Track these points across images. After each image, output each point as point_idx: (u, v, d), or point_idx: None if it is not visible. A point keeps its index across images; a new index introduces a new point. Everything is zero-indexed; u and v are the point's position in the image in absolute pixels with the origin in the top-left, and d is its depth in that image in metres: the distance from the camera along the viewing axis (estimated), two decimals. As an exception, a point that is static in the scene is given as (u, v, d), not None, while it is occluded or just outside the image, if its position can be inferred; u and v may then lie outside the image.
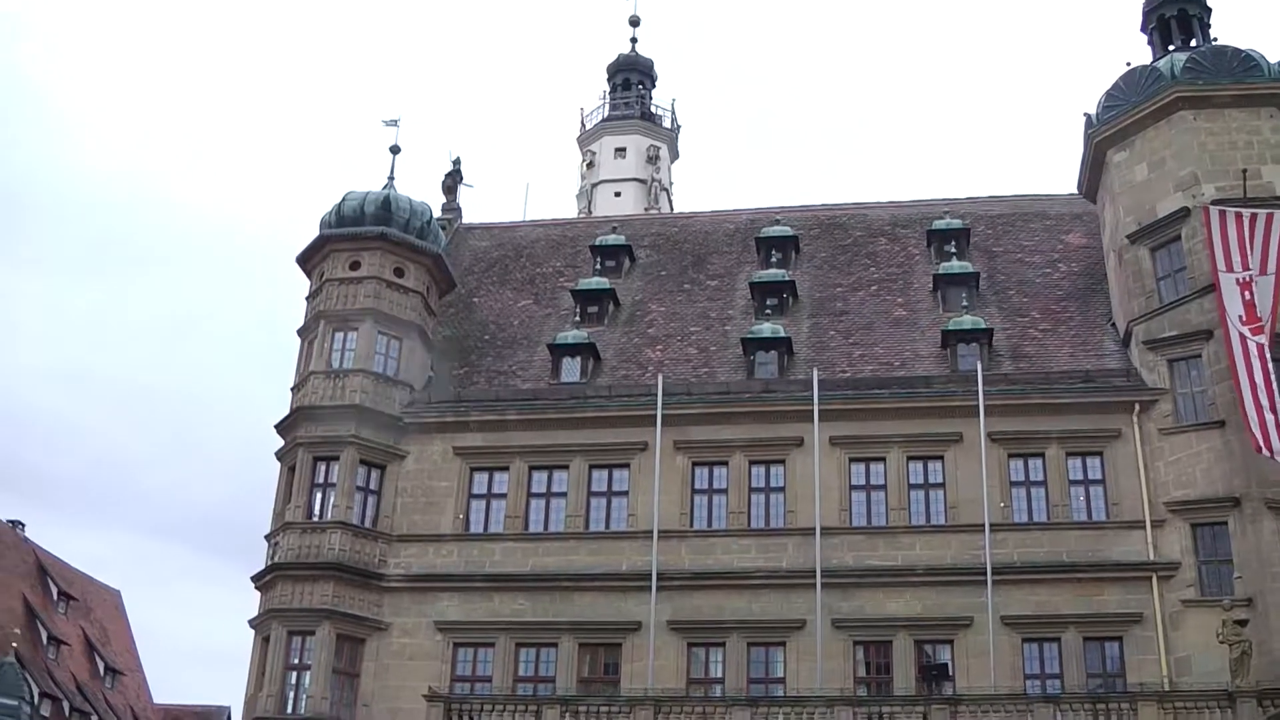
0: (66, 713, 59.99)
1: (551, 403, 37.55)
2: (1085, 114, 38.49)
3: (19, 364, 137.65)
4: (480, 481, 37.32)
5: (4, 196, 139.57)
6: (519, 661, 34.96)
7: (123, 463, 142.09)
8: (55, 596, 65.90)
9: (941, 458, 35.17)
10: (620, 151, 77.86)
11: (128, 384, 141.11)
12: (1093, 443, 34.73)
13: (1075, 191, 40.87)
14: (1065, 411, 34.96)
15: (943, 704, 29.93)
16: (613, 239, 44.23)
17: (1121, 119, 37.09)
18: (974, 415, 34.68)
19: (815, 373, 36.01)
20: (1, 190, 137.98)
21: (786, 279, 40.64)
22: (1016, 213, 43.59)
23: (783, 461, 35.78)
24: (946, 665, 32.82)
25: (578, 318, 40.74)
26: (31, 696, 55.79)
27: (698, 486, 36.07)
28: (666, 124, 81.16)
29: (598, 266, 43.25)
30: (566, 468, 36.73)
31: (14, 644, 56.20)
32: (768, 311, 39.57)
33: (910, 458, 35.32)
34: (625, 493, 36.20)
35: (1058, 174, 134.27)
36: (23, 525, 68.19)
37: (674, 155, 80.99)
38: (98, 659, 66.82)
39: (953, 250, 40.73)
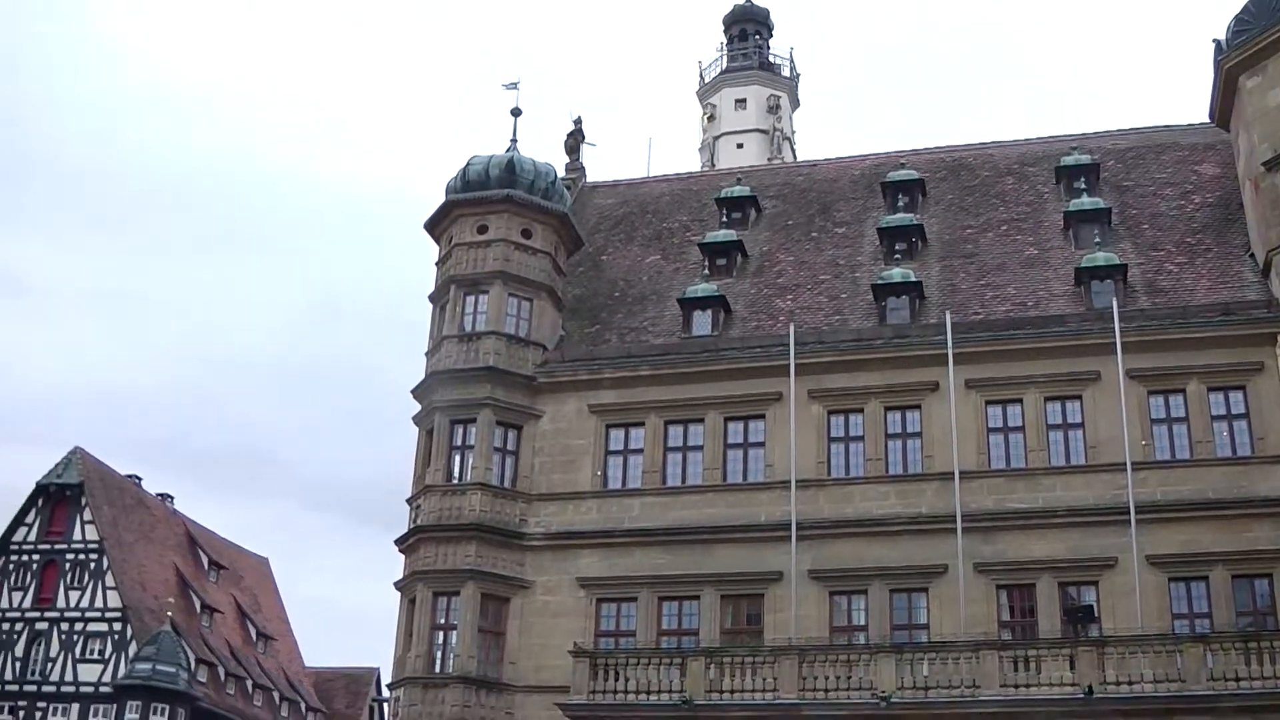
0: (222, 678, 61.66)
1: (684, 357, 37.64)
2: (1214, 40, 37.63)
3: (167, 343, 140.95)
4: (616, 438, 37.58)
5: (151, 182, 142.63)
6: (661, 615, 35.22)
7: (267, 436, 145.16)
8: (206, 566, 67.63)
9: (1079, 397, 34.67)
10: (740, 103, 77.60)
11: (271, 359, 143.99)
12: (1234, 377, 34.01)
13: (1207, 120, 40.05)
14: (1205, 346, 34.26)
15: (1089, 646, 29.66)
16: (738, 190, 44.08)
17: (1253, 44, 36.18)
18: (1111, 353, 34.16)
19: (948, 316, 35.69)
20: (148, 175, 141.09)
21: (914, 223, 40.27)
22: (1147, 145, 42.69)
23: (918, 407, 35.51)
24: (1092, 607, 32.48)
25: (706, 271, 40.72)
26: (189, 663, 57.39)
27: (834, 435, 35.93)
28: (785, 73, 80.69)
29: (724, 219, 43.16)
30: (702, 421, 36.83)
31: (170, 613, 57.87)
32: (897, 256, 39.23)
33: (1048, 398, 34.85)
34: (761, 444, 36.21)
35: (1188, 103, 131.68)
36: (172, 498, 69.94)
37: (794, 104, 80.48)
38: (249, 625, 68.47)
39: (1082, 186, 40.07)
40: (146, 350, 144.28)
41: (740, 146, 75.76)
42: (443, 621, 36.06)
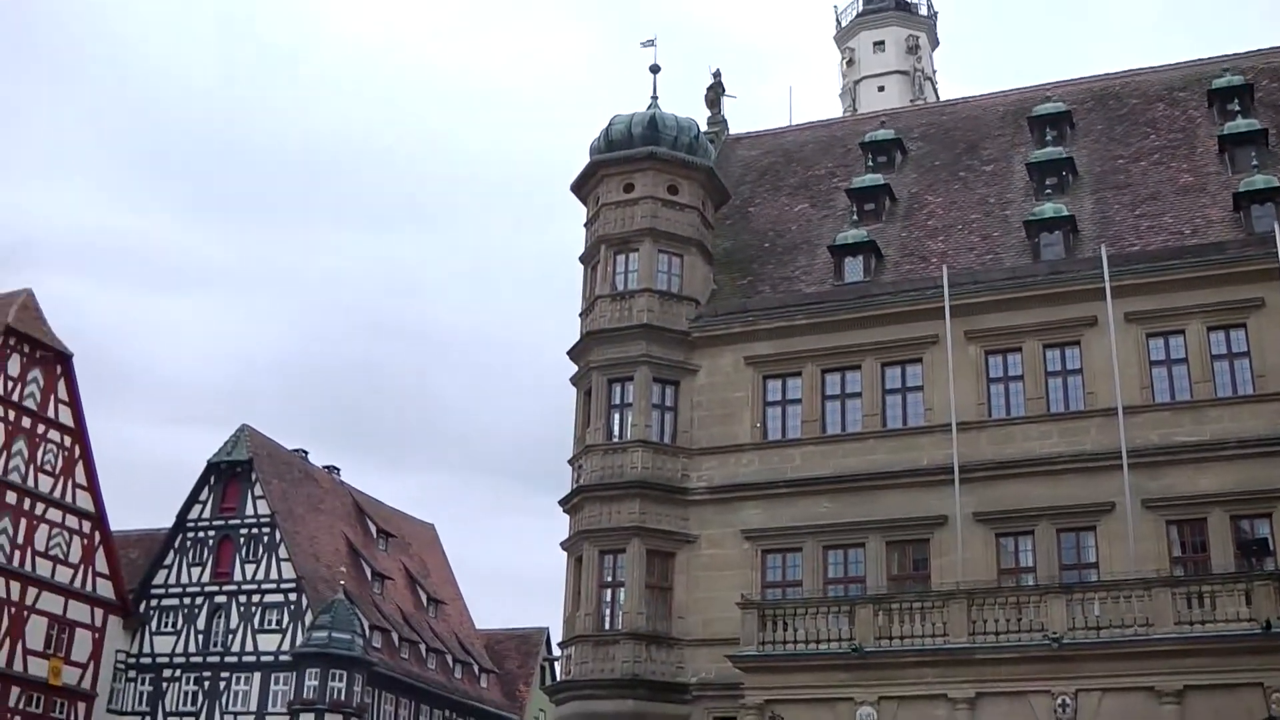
0: (396, 643, 62.84)
1: (838, 304, 37.46)
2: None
3: (327, 319, 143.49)
4: (774, 389, 37.57)
5: (304, 161, 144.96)
6: (827, 564, 35.22)
7: (429, 405, 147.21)
8: (375, 534, 68.89)
9: (1244, 325, 33.75)
10: (879, 45, 76.91)
11: (428, 328, 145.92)
12: (1407, 294, 33.06)
13: (1367, 32, 38.90)
14: (1373, 266, 33.31)
15: (1265, 580, 29.01)
16: (882, 134, 43.69)
17: None
18: (1275, 279, 33.21)
19: (1103, 249, 35.01)
20: (302, 156, 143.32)
21: (1064, 156, 39.55)
22: (1303, 61, 41.56)
23: (1077, 343, 34.92)
24: (1266, 540, 31.80)
25: (855, 217, 40.44)
26: (363, 630, 58.60)
27: (992, 375, 35.51)
28: (922, 12, 79.71)
29: (869, 163, 42.83)
30: (859, 368, 36.66)
31: (342, 582, 59.10)
32: (1048, 191, 38.61)
33: (1210, 328, 33.99)
34: (920, 388, 35.95)
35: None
36: (338, 470, 71.27)
37: (934, 43, 79.52)
38: (419, 590, 69.67)
39: (1236, 109, 38.99)
40: (308, 327, 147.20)
41: (881, 89, 75.11)
42: (610, 579, 36.45)
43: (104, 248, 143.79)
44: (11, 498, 55.60)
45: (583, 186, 41.17)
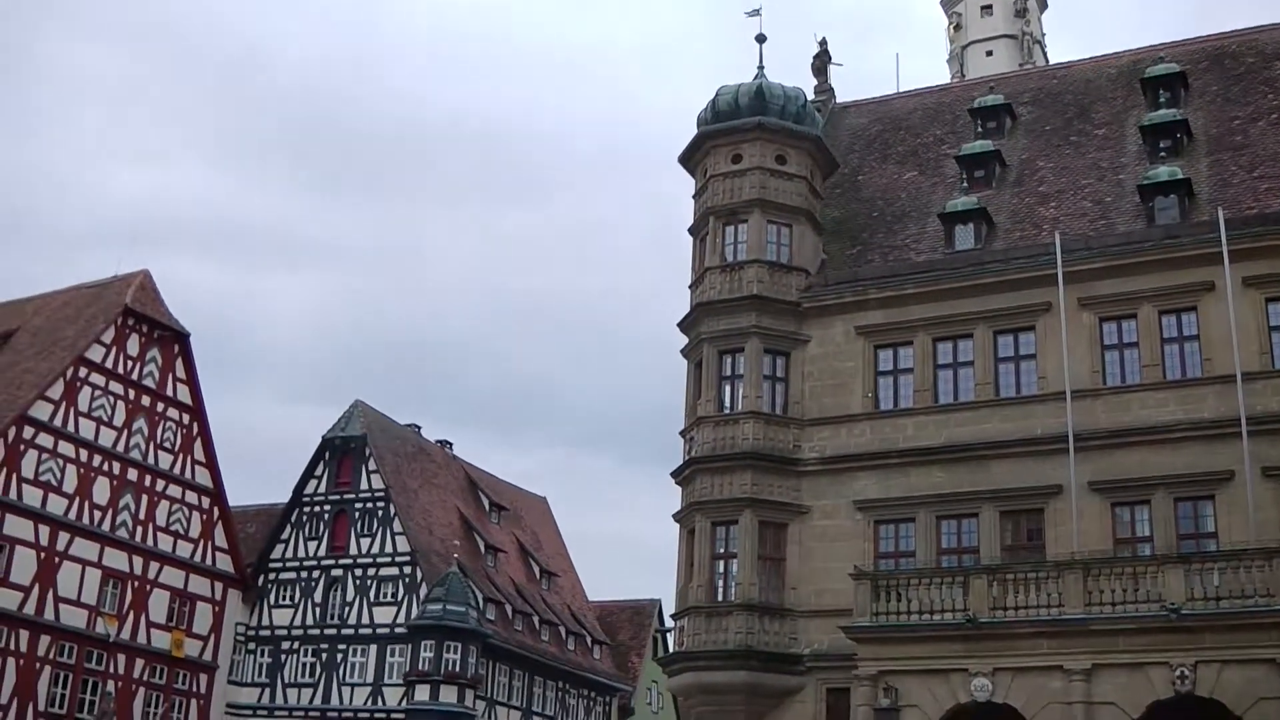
0: (510, 615, 63.33)
1: (949, 272, 37.13)
2: None
3: (436, 294, 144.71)
4: (885, 358, 37.37)
5: (412, 136, 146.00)
6: (940, 534, 34.95)
7: (539, 380, 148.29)
8: (487, 508, 69.41)
9: (1367, 287, 33.18)
10: (986, 9, 76.05)
11: (537, 303, 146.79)
12: None
13: None
14: None
15: (1391, 547, 28.52)
16: (991, 99, 43.15)
17: None
18: (1403, 238, 32.62)
19: (1220, 212, 34.28)
20: (410, 130, 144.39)
21: (1178, 118, 38.82)
22: None
23: (1194, 308, 34.21)
24: (1390, 505, 31.26)
25: (965, 184, 40.06)
26: (477, 602, 59.10)
27: (1107, 342, 34.96)
28: (1030, -26, 78.66)
29: (979, 129, 42.37)
30: (970, 336, 36.31)
31: (456, 555, 59.66)
32: (1162, 154, 37.98)
33: (1333, 292, 33.40)
34: (1033, 355, 35.53)
35: None
36: (450, 445, 71.88)
37: (1042, 5, 78.50)
38: (532, 563, 70.16)
39: (1358, 66, 38.23)
40: (419, 304, 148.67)
41: (989, 54, 74.40)
42: (722, 550, 36.52)
43: (219, 228, 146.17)
44: (133, 475, 56.70)
45: (690, 158, 41.15)
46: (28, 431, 52.62)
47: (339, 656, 60.56)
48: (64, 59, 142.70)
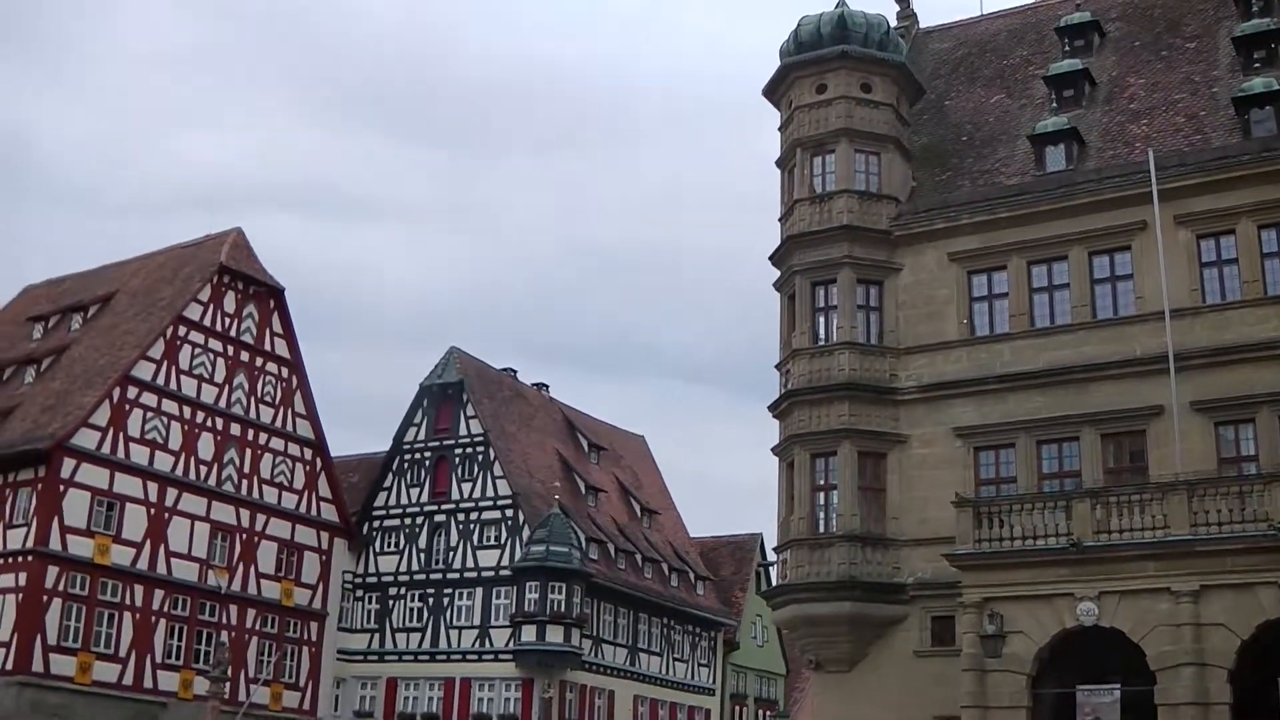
0: (612, 554, 63.70)
1: (1041, 194, 36.59)
2: None
3: (526, 243, 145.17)
4: (979, 284, 36.98)
5: (489, 91, 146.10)
6: (1041, 459, 34.64)
7: (631, 320, 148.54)
8: (586, 449, 69.72)
9: None
10: (1070, -75, 74.50)
11: (633, 249, 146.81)
12: None
13: None
14: None
15: None
16: (1078, 17, 42.31)
17: None
18: None
19: (1318, 123, 33.70)
20: (485, 85, 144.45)
21: (1273, 27, 37.77)
22: None
23: (1295, 221, 33.71)
24: None
25: (1054, 104, 39.41)
26: (580, 542, 59.52)
27: (1205, 259, 34.27)
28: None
29: (1066, 48, 41.59)
30: (1065, 258, 35.81)
31: (557, 496, 60.05)
32: (1256, 66, 37.08)
33: None
34: (1129, 276, 34.99)
35: None
36: (547, 387, 72.20)
37: (1129, -85, 76.72)
38: (632, 502, 70.42)
39: None
40: (511, 250, 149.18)
41: (1075, -29, 72.89)
42: (822, 482, 36.51)
43: (310, 186, 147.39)
44: (236, 429, 57.57)
45: (775, 91, 40.85)
46: (132, 391, 53.56)
47: (445, 600, 61.28)
48: (146, 26, 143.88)
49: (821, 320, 37.85)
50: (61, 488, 50.75)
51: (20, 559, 50.34)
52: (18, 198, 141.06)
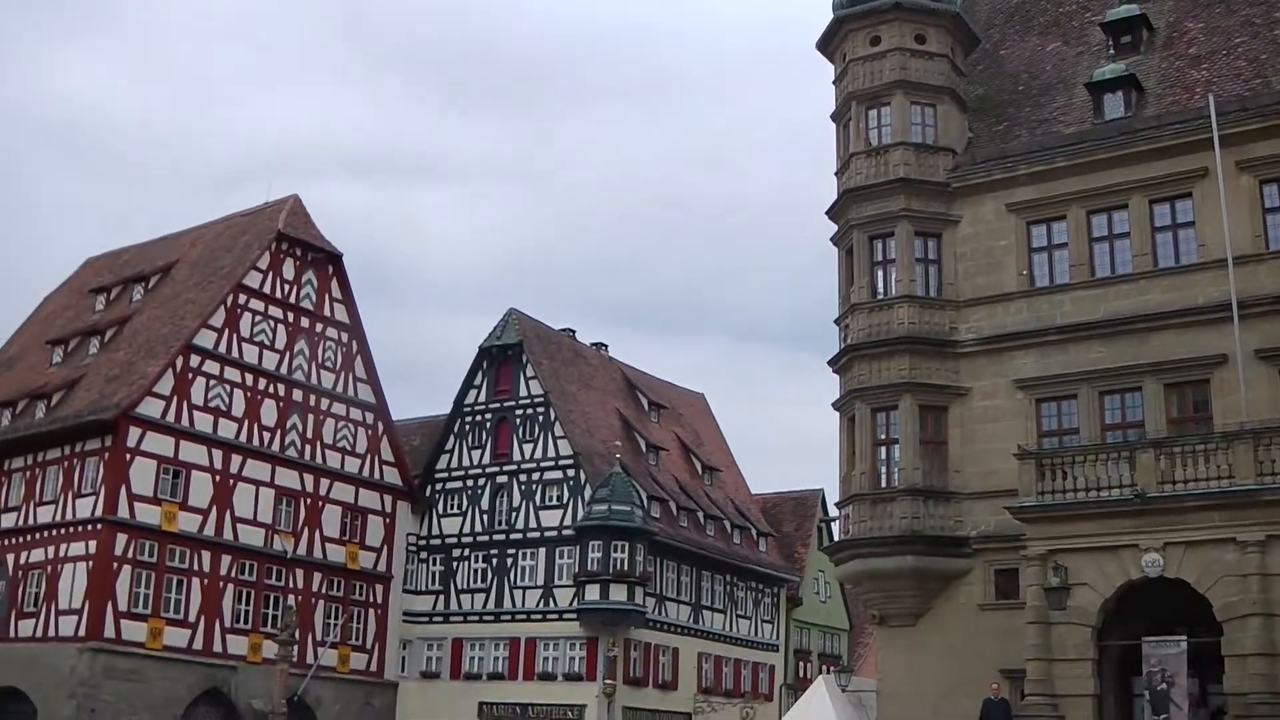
0: (674, 511, 63.78)
1: (1100, 142, 36.12)
2: None
3: (582, 202, 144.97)
4: (1038, 234, 36.63)
5: (541, 48, 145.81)
6: (1104, 410, 34.34)
7: (690, 281, 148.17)
8: (646, 407, 69.79)
9: None
10: None
11: (691, 208, 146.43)
12: None
13: None
14: None
15: None
16: (1135, -39, 41.85)
17: None
18: None
19: (1383, 63, 33.17)
20: (557, 41, 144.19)
21: (1335, -34, 37.44)
22: None
23: (1359, 164, 33.20)
24: None
25: (1111, 51, 38.90)
26: (641, 500, 59.59)
27: (1268, 205, 33.67)
28: None
29: (1123, -7, 41.15)
30: (1125, 207, 35.40)
31: (618, 455, 60.15)
32: (1319, 5, 36.65)
33: None
34: (1191, 223, 34.51)
35: None
36: (606, 346, 72.26)
37: None
38: (694, 460, 70.46)
39: None
40: (565, 210, 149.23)
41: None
42: (883, 436, 36.43)
43: (364, 151, 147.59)
44: (298, 395, 58.01)
45: (828, 44, 40.58)
46: (194, 360, 54.06)
47: (509, 561, 61.57)
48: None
49: (880, 274, 37.70)
50: (128, 456, 51.35)
51: (89, 527, 51.03)
52: (78, 170, 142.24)
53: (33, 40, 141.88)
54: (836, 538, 39.91)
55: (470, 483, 63.83)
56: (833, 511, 55.15)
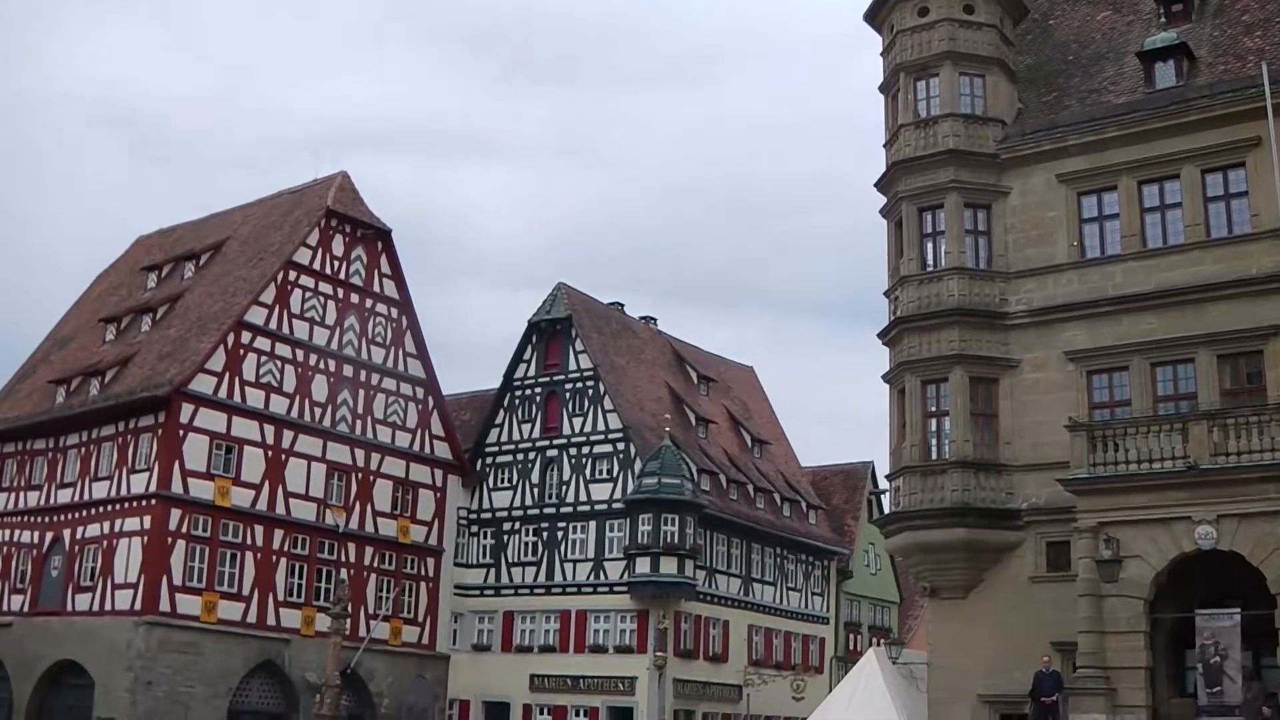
0: (724, 484, 63.85)
1: (1151, 112, 35.78)
2: None
3: (628, 178, 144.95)
4: (1089, 205, 36.37)
5: (608, 22, 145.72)
6: (1156, 381, 34.09)
7: (739, 255, 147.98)
8: (695, 380, 69.77)
9: None
10: None
11: (739, 182, 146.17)
12: None
13: None
14: None
15: None
16: (1187, -73, 41.40)
17: None
18: None
19: None
20: (605, 16, 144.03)
21: (1391, -69, 36.94)
22: None
23: None
24: None
25: (1162, 19, 38.51)
26: (691, 473, 59.68)
27: (1322, 174, 33.70)
28: None
29: (1174, -40, 40.73)
30: (1177, 177, 35.04)
31: (668, 429, 60.23)
32: (1373, -28, 36.21)
33: None
34: (1244, 193, 34.11)
35: None
36: (655, 320, 72.27)
37: None
38: (743, 433, 70.48)
39: None
40: (613, 187, 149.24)
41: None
42: (934, 409, 36.35)
43: (413, 125, 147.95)
44: (348, 371, 58.22)
45: (876, 15, 40.39)
46: (245, 336, 54.33)
47: (559, 534, 61.83)
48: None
49: (929, 246, 37.58)
50: (181, 432, 51.72)
51: (144, 503, 51.47)
52: (128, 150, 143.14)
53: (78, 20, 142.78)
54: (887, 510, 39.88)
55: (520, 457, 64.09)
56: (883, 484, 55.24)
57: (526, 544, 62.83)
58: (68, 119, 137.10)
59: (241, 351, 54.15)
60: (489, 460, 65.13)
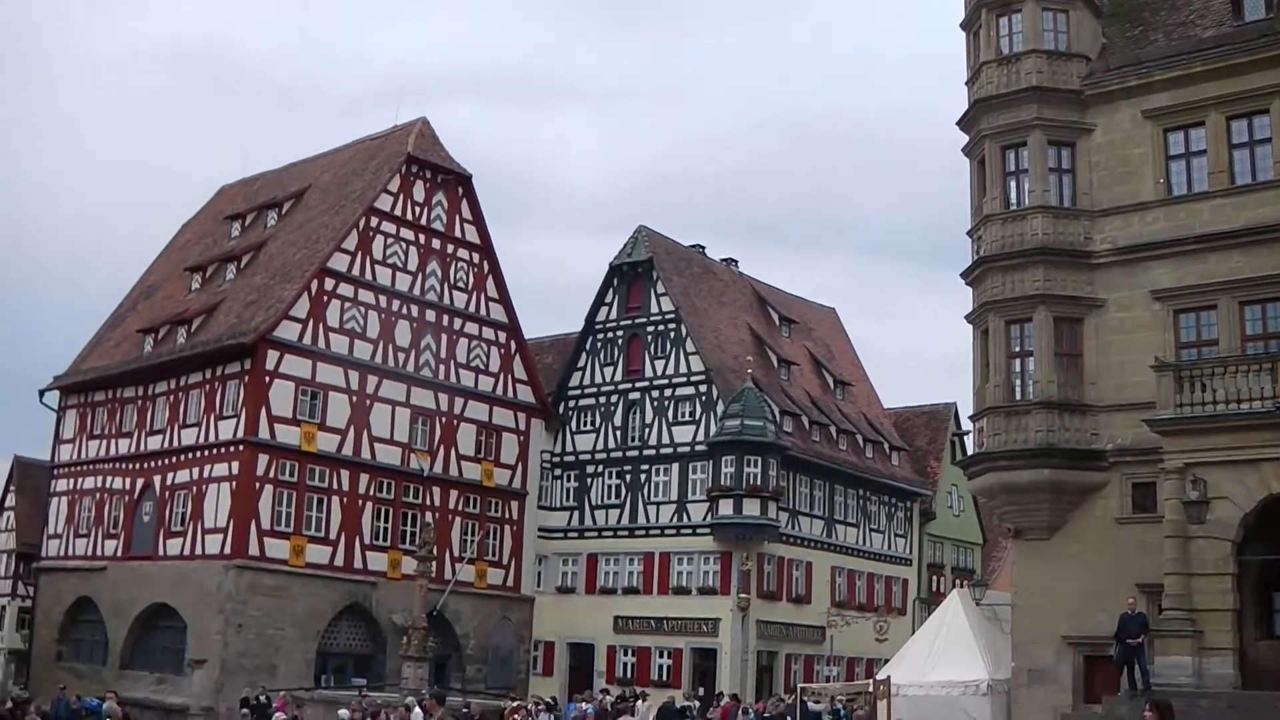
0: (806, 426, 63.72)
1: (1239, 46, 34.97)
2: None
3: (710, 120, 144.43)
4: (1175, 142, 35.67)
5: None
6: (1244, 320, 33.38)
7: (820, 196, 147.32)
8: (777, 322, 69.59)
9: None
10: None
11: (814, 119, 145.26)
12: None
13: None
14: None
15: None
16: None
17: None
18: None
19: None
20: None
21: None
22: None
23: None
24: None
25: (1252, -51, 37.87)
26: (774, 415, 59.60)
27: None
28: None
29: (1265, -112, 39.84)
30: (1266, 111, 34.17)
31: (750, 371, 60.15)
32: None
33: None
34: (1335, 127, 33.71)
35: None
36: (736, 262, 72.07)
37: None
38: (825, 374, 70.25)
39: None
40: (695, 130, 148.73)
41: None
42: (1018, 349, 36.02)
43: (493, 70, 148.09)
44: (431, 316, 58.56)
45: (957, -50, 39.89)
46: (329, 283, 54.76)
47: (642, 476, 62.01)
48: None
49: (1013, 184, 37.12)
50: (267, 379, 52.31)
51: (232, 449, 52.16)
52: (212, 101, 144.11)
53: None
54: (970, 451, 39.66)
55: (603, 400, 64.27)
56: (966, 425, 54.84)
57: (610, 486, 63.08)
58: (155, 69, 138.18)
59: (325, 298, 54.59)
60: (571, 403, 65.37)
